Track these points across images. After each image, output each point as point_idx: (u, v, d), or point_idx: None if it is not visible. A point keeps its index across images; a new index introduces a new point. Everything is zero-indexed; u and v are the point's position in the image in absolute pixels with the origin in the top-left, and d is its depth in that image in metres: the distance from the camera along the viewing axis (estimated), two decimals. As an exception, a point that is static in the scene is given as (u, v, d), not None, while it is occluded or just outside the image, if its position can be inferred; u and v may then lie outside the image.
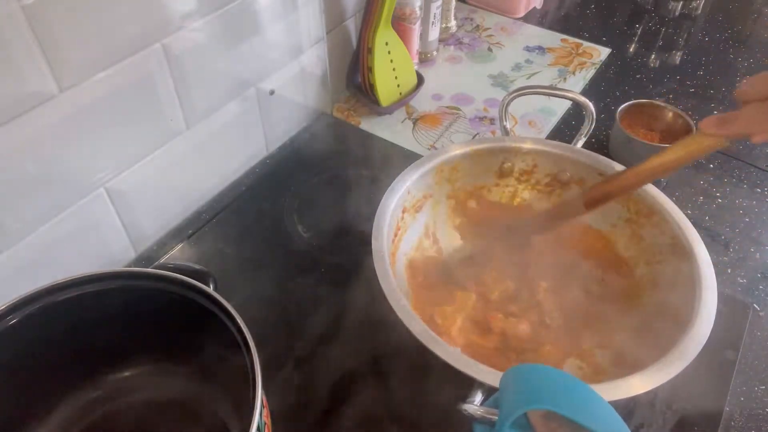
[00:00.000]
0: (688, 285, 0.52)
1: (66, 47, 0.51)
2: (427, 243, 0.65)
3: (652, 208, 0.59)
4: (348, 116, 0.90)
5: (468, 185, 0.67)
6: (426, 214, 0.65)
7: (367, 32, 0.82)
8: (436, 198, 0.65)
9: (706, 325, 0.48)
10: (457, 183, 0.66)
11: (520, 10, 1.11)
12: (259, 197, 0.77)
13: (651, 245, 0.59)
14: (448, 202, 0.67)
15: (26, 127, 0.51)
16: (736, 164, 0.82)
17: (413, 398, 0.56)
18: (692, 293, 0.51)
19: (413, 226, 0.63)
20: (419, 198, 0.63)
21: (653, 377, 0.44)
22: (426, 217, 0.65)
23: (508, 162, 0.66)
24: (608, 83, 0.96)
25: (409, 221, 0.63)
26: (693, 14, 1.14)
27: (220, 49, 0.66)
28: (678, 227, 0.56)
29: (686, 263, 0.53)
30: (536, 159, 0.66)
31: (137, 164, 0.63)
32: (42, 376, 0.48)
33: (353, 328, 0.61)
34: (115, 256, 0.67)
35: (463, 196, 0.67)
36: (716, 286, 0.51)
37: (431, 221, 0.66)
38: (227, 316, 0.44)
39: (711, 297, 0.50)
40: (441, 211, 0.66)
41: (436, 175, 0.64)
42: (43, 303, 0.45)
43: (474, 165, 0.65)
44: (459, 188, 0.67)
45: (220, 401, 0.51)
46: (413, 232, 0.64)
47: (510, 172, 0.67)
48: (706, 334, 0.47)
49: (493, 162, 0.66)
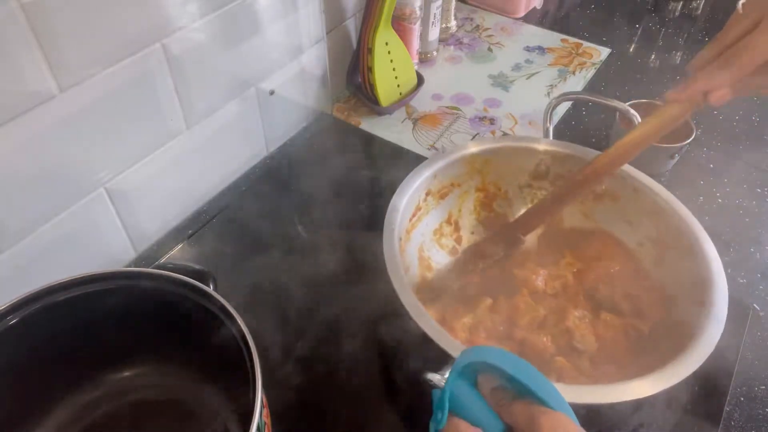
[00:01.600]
0: (700, 311, 0.51)
1: (66, 47, 0.50)
2: (447, 229, 0.65)
3: (679, 229, 0.57)
4: (348, 116, 0.90)
5: (500, 180, 0.66)
6: (451, 201, 0.65)
7: (367, 32, 0.82)
8: (464, 188, 0.65)
9: (714, 335, 0.47)
10: (489, 176, 0.65)
11: (520, 10, 1.11)
12: (259, 197, 0.77)
13: (674, 269, 0.58)
14: (476, 195, 0.66)
15: (26, 127, 0.51)
16: (736, 164, 0.82)
17: (413, 398, 0.56)
18: (702, 309, 0.50)
19: (436, 210, 0.63)
20: (446, 184, 0.63)
21: (659, 381, 0.44)
22: (451, 205, 0.65)
23: (544, 164, 0.65)
24: (608, 83, 0.96)
25: (432, 204, 0.62)
26: (693, 14, 1.14)
27: (220, 49, 0.66)
28: (703, 255, 0.54)
29: (700, 290, 0.52)
30: (573, 164, 0.64)
31: (137, 164, 0.63)
32: (42, 376, 0.48)
33: (354, 329, 0.61)
34: (115, 256, 0.67)
35: (493, 191, 0.67)
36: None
37: (456, 209, 0.66)
38: (227, 316, 0.44)
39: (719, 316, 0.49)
40: (468, 201, 0.66)
41: (468, 165, 0.63)
42: (43, 303, 0.45)
43: (509, 161, 0.65)
44: (490, 182, 0.66)
45: (220, 401, 0.51)
46: (435, 216, 0.64)
47: (545, 174, 0.66)
48: (713, 344, 0.47)
49: (528, 161, 0.65)
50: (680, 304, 0.55)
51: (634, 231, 0.62)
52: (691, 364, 0.46)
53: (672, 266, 0.58)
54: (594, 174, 0.57)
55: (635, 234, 0.62)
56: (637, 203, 0.61)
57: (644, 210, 0.61)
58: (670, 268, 0.58)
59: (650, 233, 0.61)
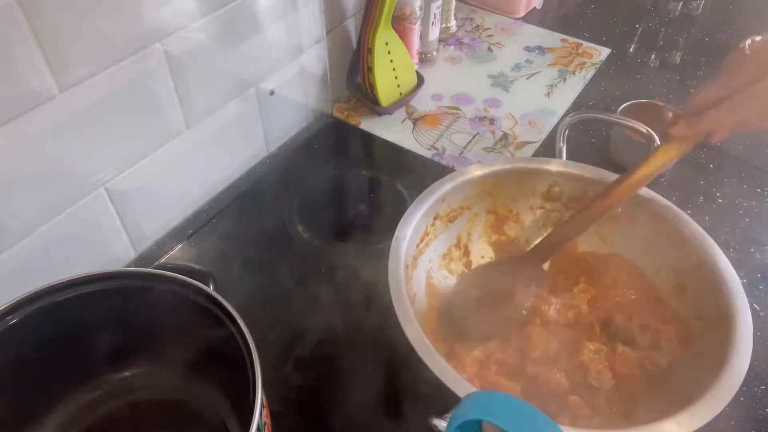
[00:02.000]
0: (723, 343, 0.49)
1: (66, 47, 0.50)
2: (456, 253, 0.64)
3: (703, 259, 0.55)
4: (348, 116, 0.90)
5: (511, 203, 0.64)
6: (461, 224, 0.63)
7: (367, 32, 0.82)
8: (474, 210, 0.63)
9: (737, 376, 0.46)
10: (500, 199, 0.64)
11: (520, 10, 1.11)
12: (259, 197, 0.77)
13: (694, 299, 0.56)
14: (487, 217, 0.65)
15: (26, 127, 0.51)
16: (736, 164, 0.82)
17: (414, 400, 0.56)
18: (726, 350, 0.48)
19: (444, 234, 0.62)
20: (455, 208, 0.61)
21: (687, 422, 0.42)
22: (460, 228, 0.63)
23: (557, 186, 0.63)
24: (608, 83, 0.96)
25: (440, 228, 0.61)
26: (693, 14, 1.14)
27: (220, 49, 0.66)
28: (726, 287, 0.52)
29: (724, 323, 0.50)
30: (587, 186, 0.62)
31: (137, 164, 0.63)
32: (42, 376, 0.48)
33: (354, 329, 0.61)
34: (115, 256, 0.67)
35: (504, 213, 0.65)
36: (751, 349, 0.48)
37: (465, 233, 0.64)
38: (227, 316, 0.44)
39: (745, 349, 0.48)
40: (478, 224, 0.65)
41: (477, 188, 0.62)
42: (43, 303, 0.45)
43: (520, 183, 0.63)
44: (501, 204, 0.64)
45: (220, 401, 0.51)
46: (443, 240, 0.62)
47: (558, 196, 0.64)
48: (737, 386, 0.45)
49: (541, 183, 0.64)
50: (700, 337, 0.53)
51: (652, 257, 0.60)
52: (719, 403, 0.44)
53: (692, 296, 0.56)
54: (605, 207, 0.57)
55: (653, 261, 0.60)
56: (656, 228, 0.59)
57: (663, 236, 0.59)
58: (690, 298, 0.56)
59: (670, 261, 0.58)
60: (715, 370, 0.46)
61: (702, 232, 0.57)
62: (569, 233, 0.60)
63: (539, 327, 0.57)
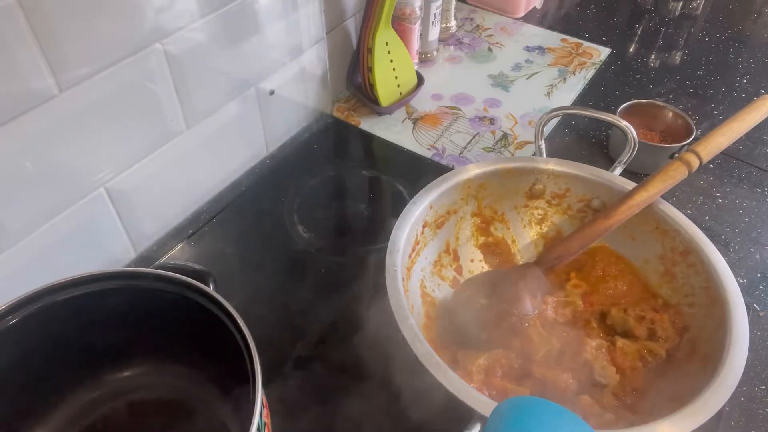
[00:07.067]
0: (718, 329, 0.50)
1: (66, 47, 0.50)
2: (446, 259, 0.64)
3: (689, 246, 0.56)
4: (348, 116, 0.90)
5: (496, 204, 0.65)
6: (448, 230, 0.63)
7: (367, 32, 0.82)
8: (460, 215, 0.64)
9: (733, 377, 0.46)
10: (485, 200, 0.64)
11: (520, 10, 1.11)
12: (259, 197, 0.77)
13: (683, 285, 0.57)
14: (473, 220, 0.65)
15: (26, 127, 0.51)
16: (736, 164, 0.82)
17: (414, 400, 0.56)
18: (722, 339, 0.49)
19: (433, 241, 0.62)
20: (442, 214, 0.62)
21: (682, 423, 0.43)
22: (448, 234, 0.63)
23: (540, 184, 0.64)
24: (608, 83, 0.96)
25: (429, 236, 0.61)
26: (693, 14, 1.14)
27: (220, 49, 0.66)
28: (714, 271, 0.53)
29: (719, 307, 0.51)
30: (569, 183, 0.63)
31: (137, 164, 0.63)
32: (42, 376, 0.48)
33: (354, 329, 0.61)
34: (115, 256, 0.67)
35: (489, 214, 0.65)
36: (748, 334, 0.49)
37: (453, 238, 0.64)
38: (227, 316, 0.44)
39: (742, 345, 0.48)
40: (465, 228, 0.65)
41: (463, 191, 0.62)
42: (43, 303, 0.45)
43: (504, 184, 0.64)
44: (486, 206, 0.65)
45: (220, 401, 0.51)
46: (433, 247, 0.62)
47: (541, 193, 0.65)
48: (733, 386, 0.45)
49: (523, 182, 0.64)
50: (695, 323, 0.54)
51: (638, 247, 0.61)
52: (719, 398, 0.44)
53: (682, 283, 0.57)
54: (606, 227, 0.59)
55: (640, 251, 0.61)
56: (639, 217, 0.59)
57: (647, 225, 0.60)
58: (679, 285, 0.57)
59: (656, 249, 0.60)
60: (714, 361, 0.47)
61: (685, 219, 0.58)
62: (572, 248, 0.61)
63: (539, 327, 0.57)
